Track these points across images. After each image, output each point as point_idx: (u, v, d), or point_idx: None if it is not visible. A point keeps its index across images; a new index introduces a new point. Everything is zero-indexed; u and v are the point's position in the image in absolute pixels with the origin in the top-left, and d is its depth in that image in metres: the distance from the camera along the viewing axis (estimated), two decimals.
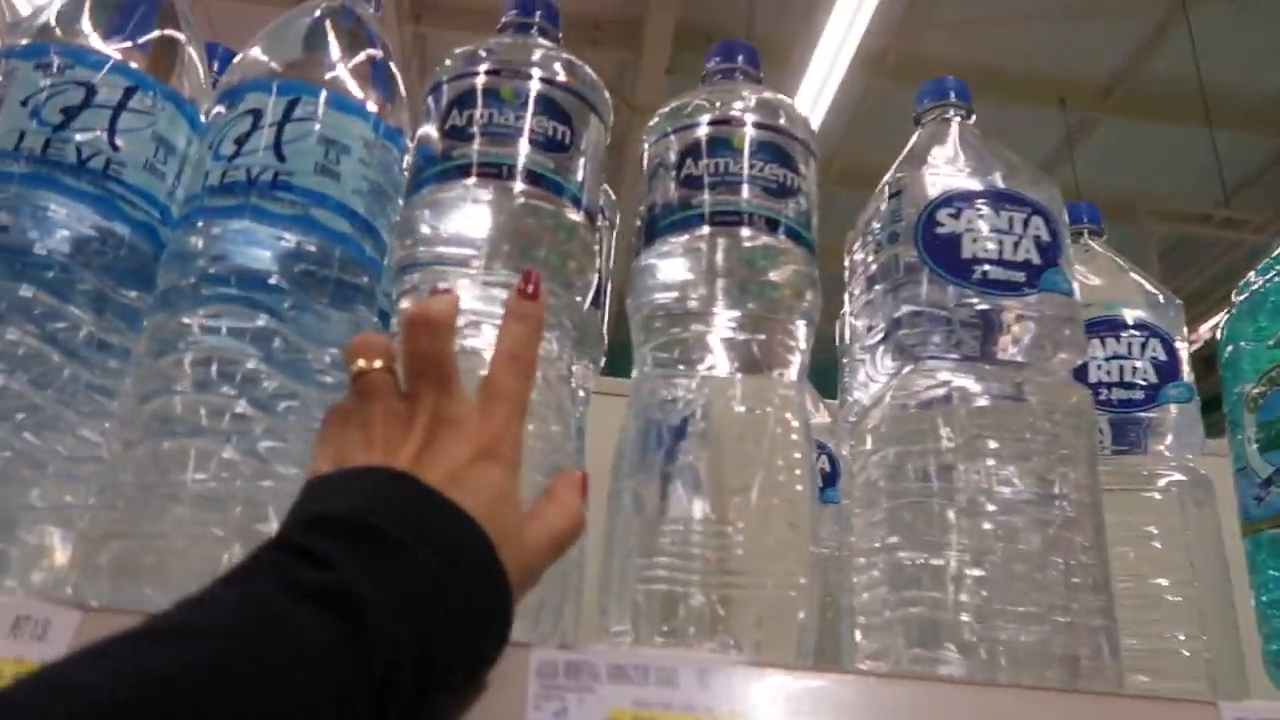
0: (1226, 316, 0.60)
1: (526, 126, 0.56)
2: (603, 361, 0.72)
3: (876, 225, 0.60)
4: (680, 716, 0.36)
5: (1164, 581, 0.62)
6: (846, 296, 0.62)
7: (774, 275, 0.57)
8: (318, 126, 0.57)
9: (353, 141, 0.58)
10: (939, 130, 0.65)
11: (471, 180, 0.55)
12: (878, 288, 0.58)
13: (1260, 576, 0.53)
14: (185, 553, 0.47)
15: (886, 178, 0.62)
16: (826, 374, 0.72)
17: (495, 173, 0.55)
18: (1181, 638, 0.61)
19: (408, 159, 0.61)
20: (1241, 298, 0.58)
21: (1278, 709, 0.34)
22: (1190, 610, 0.61)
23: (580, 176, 0.57)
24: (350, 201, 0.57)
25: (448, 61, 0.60)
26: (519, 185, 0.55)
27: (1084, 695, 0.37)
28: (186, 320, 0.52)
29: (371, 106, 0.60)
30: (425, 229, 0.55)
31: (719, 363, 0.54)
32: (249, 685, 0.27)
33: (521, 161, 0.55)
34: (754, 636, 0.46)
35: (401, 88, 0.64)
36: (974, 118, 0.66)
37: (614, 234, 0.76)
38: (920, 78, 0.71)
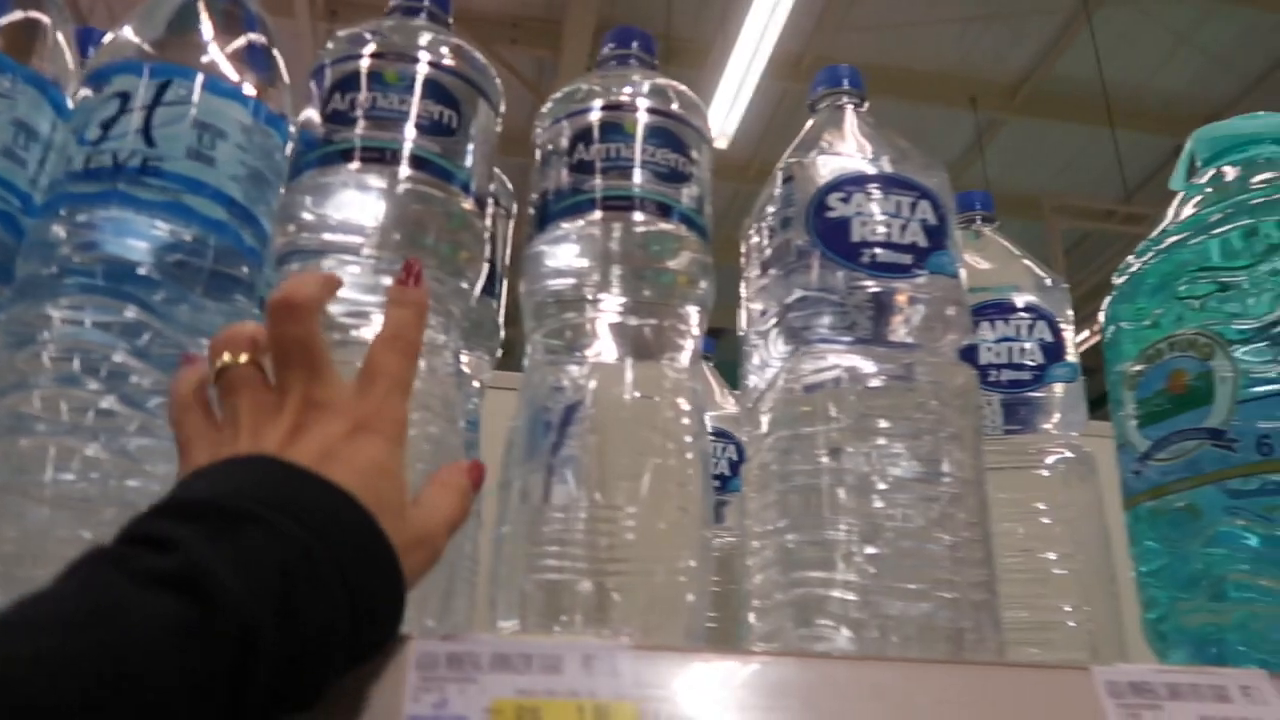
0: (1108, 298, 0.61)
1: (412, 111, 0.54)
2: (500, 354, 0.71)
3: (770, 210, 0.60)
4: (564, 703, 0.35)
5: (1052, 556, 0.63)
6: (743, 282, 0.61)
7: (666, 260, 0.56)
8: (191, 111, 0.54)
9: (229, 126, 0.55)
10: (832, 116, 0.65)
11: (354, 165, 0.53)
12: (771, 272, 0.57)
13: (1139, 548, 0.54)
14: (48, 556, 0.44)
15: (779, 163, 0.62)
16: None
17: (379, 157, 0.53)
18: (1067, 609, 0.62)
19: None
20: (1121, 279, 0.60)
21: (1144, 670, 0.34)
22: (1075, 583, 0.63)
23: (469, 162, 0.56)
24: (226, 188, 0.54)
25: (330, 44, 0.58)
26: (404, 170, 0.53)
27: (966, 666, 0.37)
28: (47, 311, 0.49)
29: (249, 90, 0.57)
30: (307, 215, 0.53)
31: (609, 349, 0.53)
32: (80, 678, 0.25)
33: (407, 146, 0.53)
34: (643, 620, 0.45)
35: (284, 71, 0.62)
36: (866, 104, 0.67)
37: (510, 223, 0.75)
38: None
